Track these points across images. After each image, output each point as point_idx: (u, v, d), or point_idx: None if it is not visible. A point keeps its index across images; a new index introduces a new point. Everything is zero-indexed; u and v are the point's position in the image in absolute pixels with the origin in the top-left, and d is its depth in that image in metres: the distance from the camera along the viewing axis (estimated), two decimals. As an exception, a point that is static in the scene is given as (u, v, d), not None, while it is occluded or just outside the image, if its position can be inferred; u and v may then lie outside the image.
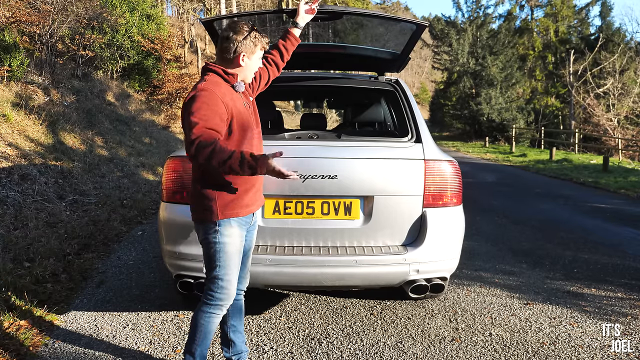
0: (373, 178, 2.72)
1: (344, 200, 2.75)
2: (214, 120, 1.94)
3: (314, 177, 2.68)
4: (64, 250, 4.30)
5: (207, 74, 2.10)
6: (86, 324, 3.00)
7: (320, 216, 2.76)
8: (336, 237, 2.78)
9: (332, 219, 2.76)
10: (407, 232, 2.80)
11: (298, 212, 2.75)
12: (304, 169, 2.68)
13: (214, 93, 1.98)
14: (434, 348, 2.78)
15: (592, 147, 23.69)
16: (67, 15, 9.41)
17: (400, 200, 2.76)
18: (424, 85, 67.01)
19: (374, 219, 2.75)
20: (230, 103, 2.04)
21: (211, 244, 2.10)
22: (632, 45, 30.62)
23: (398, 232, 2.79)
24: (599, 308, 3.44)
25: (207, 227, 2.10)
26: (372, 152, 2.77)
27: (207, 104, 1.95)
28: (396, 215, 2.76)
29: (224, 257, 2.11)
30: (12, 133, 6.68)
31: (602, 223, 6.39)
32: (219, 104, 1.97)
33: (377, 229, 2.77)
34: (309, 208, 2.75)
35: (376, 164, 2.74)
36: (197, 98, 1.95)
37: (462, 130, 33.36)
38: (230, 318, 2.38)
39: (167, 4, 19.21)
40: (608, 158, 13.68)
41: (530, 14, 38.22)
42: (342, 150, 2.77)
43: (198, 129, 1.89)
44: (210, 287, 2.15)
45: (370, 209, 2.75)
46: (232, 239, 2.11)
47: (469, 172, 12.25)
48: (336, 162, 2.72)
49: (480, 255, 4.68)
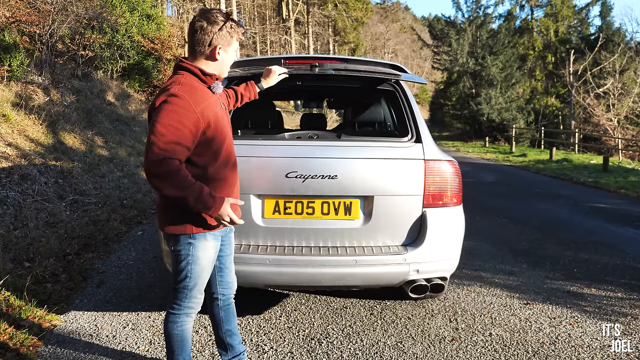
0: (373, 178, 2.72)
1: (344, 200, 2.75)
2: (183, 134, 1.78)
3: (314, 177, 2.68)
4: (64, 250, 4.30)
5: (180, 73, 1.92)
6: (86, 324, 3.00)
7: (320, 216, 2.75)
8: (336, 237, 2.78)
9: (332, 219, 2.76)
10: (407, 232, 2.80)
11: (298, 212, 2.75)
12: (304, 169, 2.68)
13: (187, 101, 1.81)
14: (434, 348, 2.78)
15: (592, 147, 23.68)
16: (67, 15, 9.40)
17: (400, 200, 2.76)
18: (424, 85, 66.89)
19: (374, 219, 2.75)
20: (207, 110, 1.87)
21: (182, 256, 1.98)
22: (632, 45, 30.59)
23: (398, 232, 2.78)
24: (599, 308, 3.44)
25: (179, 239, 1.97)
26: (372, 152, 2.77)
27: (178, 113, 1.78)
28: (396, 215, 2.76)
29: (195, 270, 1.99)
30: (12, 133, 6.68)
31: (602, 223, 6.38)
32: (191, 114, 1.80)
33: (377, 229, 2.77)
34: (309, 208, 2.75)
35: (376, 164, 2.74)
36: (168, 106, 1.79)
37: (462, 130, 33.35)
38: (224, 323, 2.30)
39: (167, 4, 19.22)
40: (608, 158, 13.67)
41: (531, 13, 38.21)
42: (342, 150, 2.77)
43: (164, 143, 1.74)
44: (176, 297, 2.04)
45: (370, 209, 2.75)
46: (207, 251, 2.00)
47: (469, 172, 12.25)
48: (336, 162, 2.72)
49: (480, 255, 4.68)
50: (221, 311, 2.27)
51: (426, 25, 44.78)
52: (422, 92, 54.22)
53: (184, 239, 1.96)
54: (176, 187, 1.76)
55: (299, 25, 36.25)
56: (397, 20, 65.08)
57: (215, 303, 2.27)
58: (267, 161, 2.73)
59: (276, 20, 37.89)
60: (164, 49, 13.58)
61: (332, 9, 35.21)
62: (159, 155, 1.74)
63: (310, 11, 32.46)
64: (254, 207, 2.72)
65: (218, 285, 2.23)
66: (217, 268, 2.20)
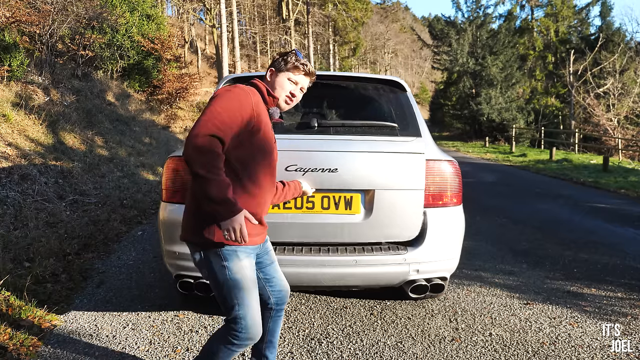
0: (374, 172, 2.69)
1: (344, 194, 2.72)
2: (237, 120, 1.80)
3: (314, 170, 2.65)
4: (64, 250, 4.30)
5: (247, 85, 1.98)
6: (86, 324, 3.00)
7: (320, 210, 2.73)
8: (337, 232, 2.74)
9: (333, 213, 2.73)
10: (408, 227, 2.76)
11: (298, 206, 2.72)
12: (304, 162, 2.65)
13: (248, 96, 1.86)
14: (434, 348, 2.78)
15: (592, 147, 23.68)
16: (67, 15, 9.41)
17: (401, 194, 2.73)
18: (424, 85, 67.01)
19: (375, 214, 2.72)
20: (262, 116, 1.91)
21: (221, 282, 1.87)
22: (632, 45, 30.60)
23: (399, 226, 2.76)
24: (599, 308, 3.44)
25: (211, 260, 1.87)
26: (373, 146, 2.75)
27: (239, 101, 1.82)
28: (397, 210, 2.73)
29: (240, 295, 1.86)
30: (12, 133, 6.68)
31: (602, 223, 6.38)
32: (248, 107, 1.84)
33: (378, 224, 2.74)
34: (308, 202, 2.72)
35: (377, 157, 2.71)
36: (230, 93, 1.83)
37: (462, 130, 33.37)
38: (268, 334, 2.18)
39: (167, 4, 19.23)
40: (608, 158, 13.67)
41: (531, 13, 38.23)
42: (343, 144, 2.74)
43: (219, 122, 1.75)
44: (233, 328, 1.88)
45: (372, 203, 2.73)
46: (244, 271, 1.88)
47: (469, 172, 12.25)
48: (336, 155, 2.68)
49: (480, 255, 4.68)
50: (271, 321, 2.17)
51: (426, 25, 44.83)
52: (422, 92, 54.28)
53: (215, 260, 1.87)
54: (208, 168, 1.69)
55: (299, 25, 36.24)
56: (397, 20, 65.03)
57: (268, 313, 2.16)
58: None
59: (276, 20, 37.90)
60: (164, 49, 13.59)
61: (332, 9, 35.22)
62: (210, 129, 1.72)
63: (310, 11, 32.45)
64: None
65: (271, 295, 2.14)
66: (263, 280, 2.11)
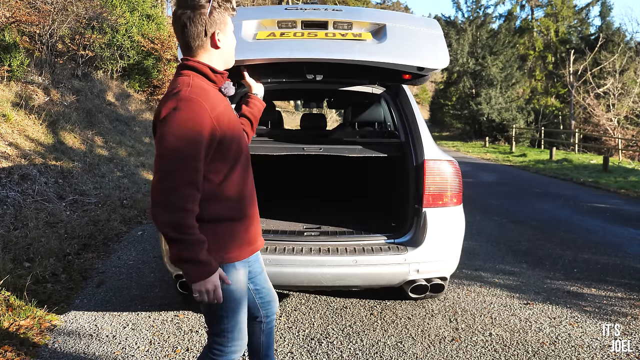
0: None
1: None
2: (197, 149, 1.48)
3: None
4: (64, 250, 4.30)
5: (185, 74, 1.60)
6: (86, 324, 3.00)
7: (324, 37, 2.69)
8: (346, 52, 2.59)
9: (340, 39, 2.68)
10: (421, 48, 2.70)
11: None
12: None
13: (202, 107, 1.49)
14: (434, 348, 2.78)
15: (592, 147, 23.67)
16: (67, 15, 9.40)
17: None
18: (424, 85, 66.95)
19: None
20: (222, 117, 1.57)
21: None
22: (632, 45, 30.57)
23: (411, 50, 2.66)
24: (599, 308, 3.44)
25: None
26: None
27: (194, 121, 1.47)
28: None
29: (230, 306, 1.67)
30: (12, 133, 6.68)
31: (602, 223, 6.38)
32: (205, 123, 1.49)
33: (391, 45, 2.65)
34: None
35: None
36: (180, 113, 1.46)
37: (462, 130, 33.34)
38: (263, 349, 2.00)
39: (167, 4, 19.21)
40: (608, 158, 13.67)
41: (531, 13, 38.22)
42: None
43: (176, 163, 1.46)
44: (216, 342, 1.71)
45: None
46: (238, 284, 1.68)
47: (469, 172, 12.25)
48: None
49: (480, 255, 4.68)
50: (263, 335, 1.99)
51: (426, 25, 44.66)
52: (422, 92, 54.17)
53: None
54: (178, 229, 1.46)
55: (299, 25, 36.16)
56: (397, 20, 64.88)
57: (259, 327, 1.97)
58: None
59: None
60: (164, 49, 13.58)
61: (332, 9, 35.12)
62: (177, 180, 1.45)
63: (310, 11, 32.38)
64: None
65: (260, 308, 1.94)
66: (253, 291, 1.91)
